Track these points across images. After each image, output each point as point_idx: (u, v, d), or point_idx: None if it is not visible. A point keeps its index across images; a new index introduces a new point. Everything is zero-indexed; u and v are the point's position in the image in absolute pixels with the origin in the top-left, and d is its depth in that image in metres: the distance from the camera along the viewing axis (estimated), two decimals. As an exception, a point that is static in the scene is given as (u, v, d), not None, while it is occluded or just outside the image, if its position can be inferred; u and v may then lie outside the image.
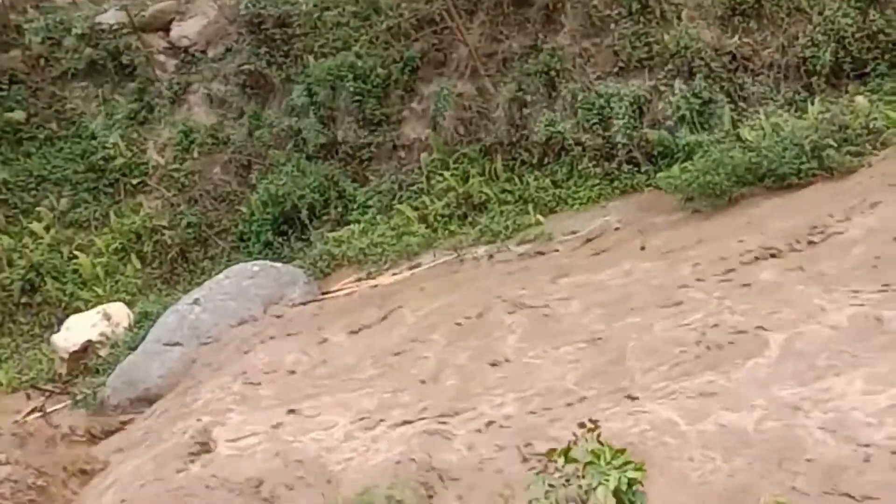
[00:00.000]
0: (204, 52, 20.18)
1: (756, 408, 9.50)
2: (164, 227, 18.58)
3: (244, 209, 18.35)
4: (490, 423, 10.74)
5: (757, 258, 12.41)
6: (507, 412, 10.83)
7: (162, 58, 20.32)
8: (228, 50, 19.80)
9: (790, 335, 10.52)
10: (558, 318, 12.60)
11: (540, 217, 16.15)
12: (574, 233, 15.58)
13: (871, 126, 14.53)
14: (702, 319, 11.33)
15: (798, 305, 11.04)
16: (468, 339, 12.75)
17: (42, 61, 20.43)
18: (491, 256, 15.59)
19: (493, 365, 11.97)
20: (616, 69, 16.88)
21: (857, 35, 15.72)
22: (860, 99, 15.15)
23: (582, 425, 7.00)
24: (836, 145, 14.23)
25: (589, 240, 15.21)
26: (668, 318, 11.68)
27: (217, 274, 16.72)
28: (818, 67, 15.83)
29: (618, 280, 13.20)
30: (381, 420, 11.44)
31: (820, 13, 16.01)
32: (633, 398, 10.31)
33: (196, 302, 15.72)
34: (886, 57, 15.64)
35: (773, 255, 12.38)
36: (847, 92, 15.59)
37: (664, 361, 10.78)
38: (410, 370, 12.43)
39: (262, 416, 12.37)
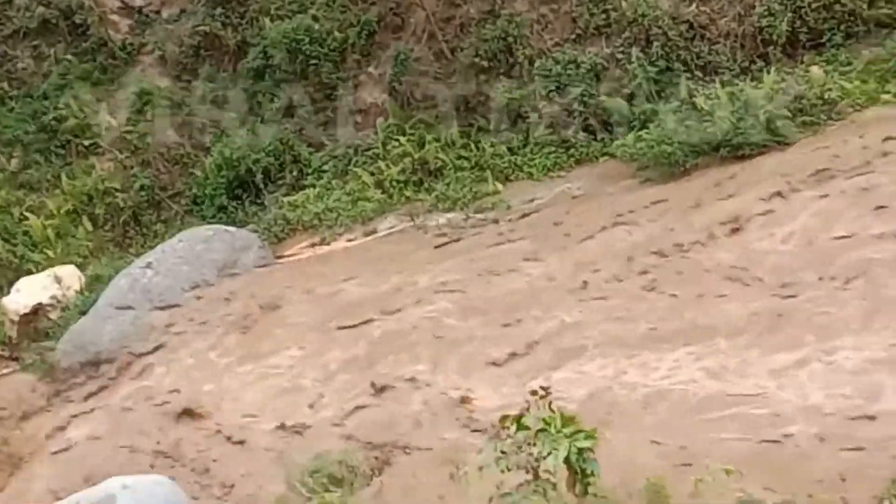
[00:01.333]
0: (158, 12, 19.90)
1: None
2: (117, 190, 18.37)
3: (198, 172, 18.19)
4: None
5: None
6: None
7: (115, 18, 20.01)
8: (183, 11, 19.54)
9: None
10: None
11: (498, 185, 16.14)
12: (531, 200, 15.58)
13: (826, 97, 14.59)
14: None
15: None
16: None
17: (-8, 20, 20.13)
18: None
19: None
20: (573, 36, 16.85)
21: (814, 5, 15.74)
22: (816, 69, 15.19)
23: (534, 392, 7.00)
24: (790, 116, 14.28)
25: (525, 215, 15.20)
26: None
27: (170, 238, 16.59)
28: (774, 37, 15.85)
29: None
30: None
31: (777, -18, 16.03)
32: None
33: (149, 265, 15.62)
34: (842, 27, 15.68)
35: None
36: (803, 62, 15.63)
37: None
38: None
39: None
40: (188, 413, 12.19)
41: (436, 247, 14.77)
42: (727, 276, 11.38)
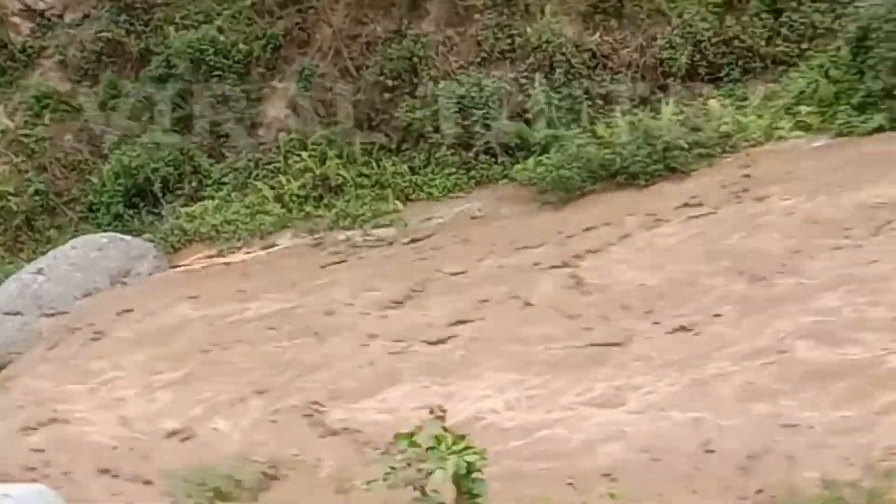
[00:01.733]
0: (61, 16, 19.65)
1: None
2: (10, 194, 18.08)
3: (95, 179, 17.96)
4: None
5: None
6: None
7: (17, 20, 19.71)
8: (86, 16, 19.33)
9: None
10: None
11: (398, 203, 16.18)
12: (430, 220, 15.66)
13: (722, 130, 14.90)
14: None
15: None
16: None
17: None
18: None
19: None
20: (479, 59, 16.98)
21: (714, 40, 16.10)
22: (713, 103, 15.50)
23: (431, 411, 7.03)
24: (687, 147, 14.56)
25: (416, 240, 15.27)
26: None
27: (64, 244, 16.36)
28: (674, 69, 16.17)
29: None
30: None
31: (679, 16, 16.35)
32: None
33: (40, 271, 15.40)
34: (740, 63, 16.04)
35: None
36: (701, 95, 15.94)
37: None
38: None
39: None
40: (45, 425, 11.91)
41: (322, 266, 14.76)
42: (557, 311, 11.50)
